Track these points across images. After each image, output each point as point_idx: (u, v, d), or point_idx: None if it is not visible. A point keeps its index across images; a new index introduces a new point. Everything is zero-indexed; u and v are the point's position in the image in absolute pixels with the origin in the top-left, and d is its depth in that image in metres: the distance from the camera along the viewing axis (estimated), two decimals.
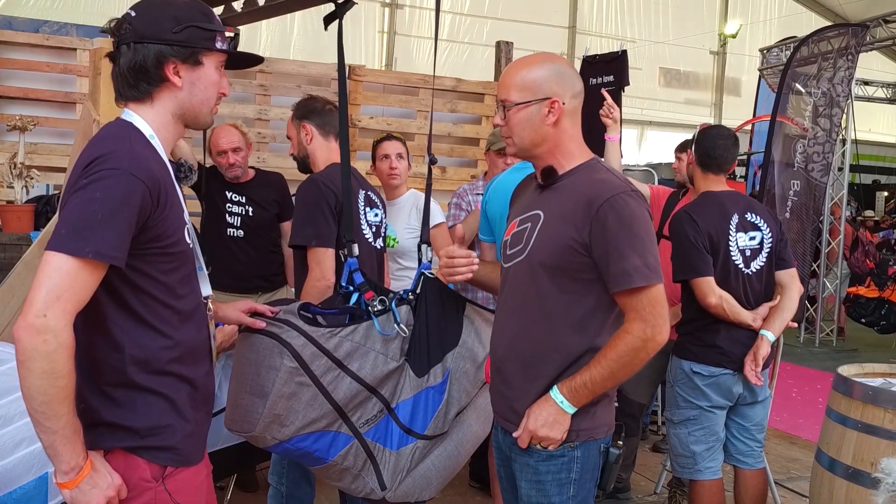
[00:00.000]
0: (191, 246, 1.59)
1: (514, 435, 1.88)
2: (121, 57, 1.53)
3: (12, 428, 2.45)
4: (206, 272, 1.69)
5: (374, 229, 2.83)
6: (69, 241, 1.35)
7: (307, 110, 2.83)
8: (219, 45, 1.59)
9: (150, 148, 1.52)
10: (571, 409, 1.81)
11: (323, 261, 2.55)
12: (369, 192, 2.85)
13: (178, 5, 1.57)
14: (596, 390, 1.80)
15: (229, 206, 3.68)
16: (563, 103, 1.85)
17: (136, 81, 1.54)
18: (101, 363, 1.47)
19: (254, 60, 1.74)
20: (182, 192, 1.62)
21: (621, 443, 1.91)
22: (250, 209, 3.71)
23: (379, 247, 2.88)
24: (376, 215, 2.86)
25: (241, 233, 3.69)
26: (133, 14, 1.54)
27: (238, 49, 1.69)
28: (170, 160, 1.59)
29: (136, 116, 1.55)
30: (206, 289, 1.66)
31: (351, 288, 2.29)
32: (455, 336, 2.24)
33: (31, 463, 2.41)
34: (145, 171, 1.44)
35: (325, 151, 2.80)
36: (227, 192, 3.68)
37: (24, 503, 2.35)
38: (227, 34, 1.62)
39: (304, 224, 2.60)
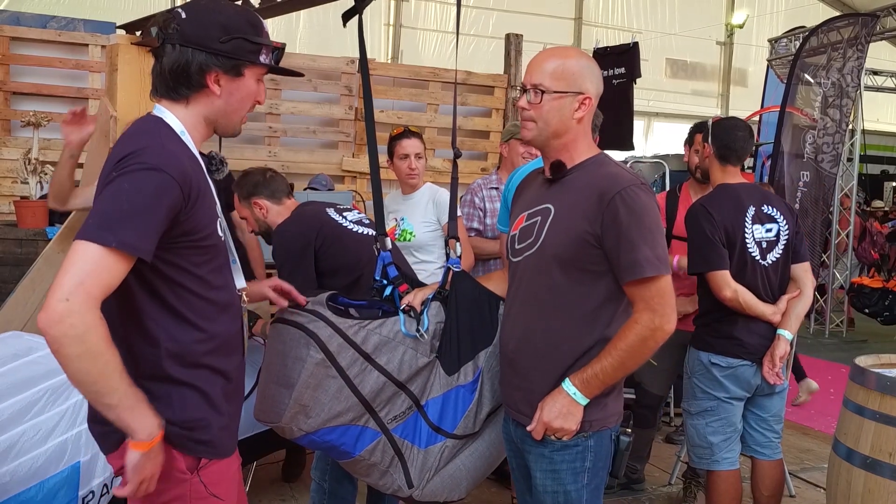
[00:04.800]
0: (223, 238, 1.61)
1: (528, 428, 1.90)
2: (164, 56, 1.54)
3: (42, 419, 2.49)
4: (239, 265, 1.71)
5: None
6: (96, 232, 1.36)
7: (252, 186, 2.87)
8: (262, 58, 1.60)
9: (181, 144, 1.53)
10: (584, 401, 1.84)
11: None
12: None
13: (227, 13, 1.57)
14: (607, 381, 1.83)
15: None
16: (592, 100, 1.89)
17: (176, 84, 1.55)
18: (138, 357, 1.49)
19: (293, 75, 1.76)
20: (213, 185, 1.64)
21: (630, 430, 1.94)
22: None
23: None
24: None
25: None
26: (183, 15, 1.54)
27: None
28: (200, 153, 1.60)
29: (167, 113, 1.56)
30: (240, 281, 1.67)
31: (385, 282, 2.29)
32: (489, 335, 2.18)
33: (62, 452, 2.46)
34: (176, 167, 1.45)
35: (284, 215, 2.84)
36: None
37: (57, 492, 2.40)
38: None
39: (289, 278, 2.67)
